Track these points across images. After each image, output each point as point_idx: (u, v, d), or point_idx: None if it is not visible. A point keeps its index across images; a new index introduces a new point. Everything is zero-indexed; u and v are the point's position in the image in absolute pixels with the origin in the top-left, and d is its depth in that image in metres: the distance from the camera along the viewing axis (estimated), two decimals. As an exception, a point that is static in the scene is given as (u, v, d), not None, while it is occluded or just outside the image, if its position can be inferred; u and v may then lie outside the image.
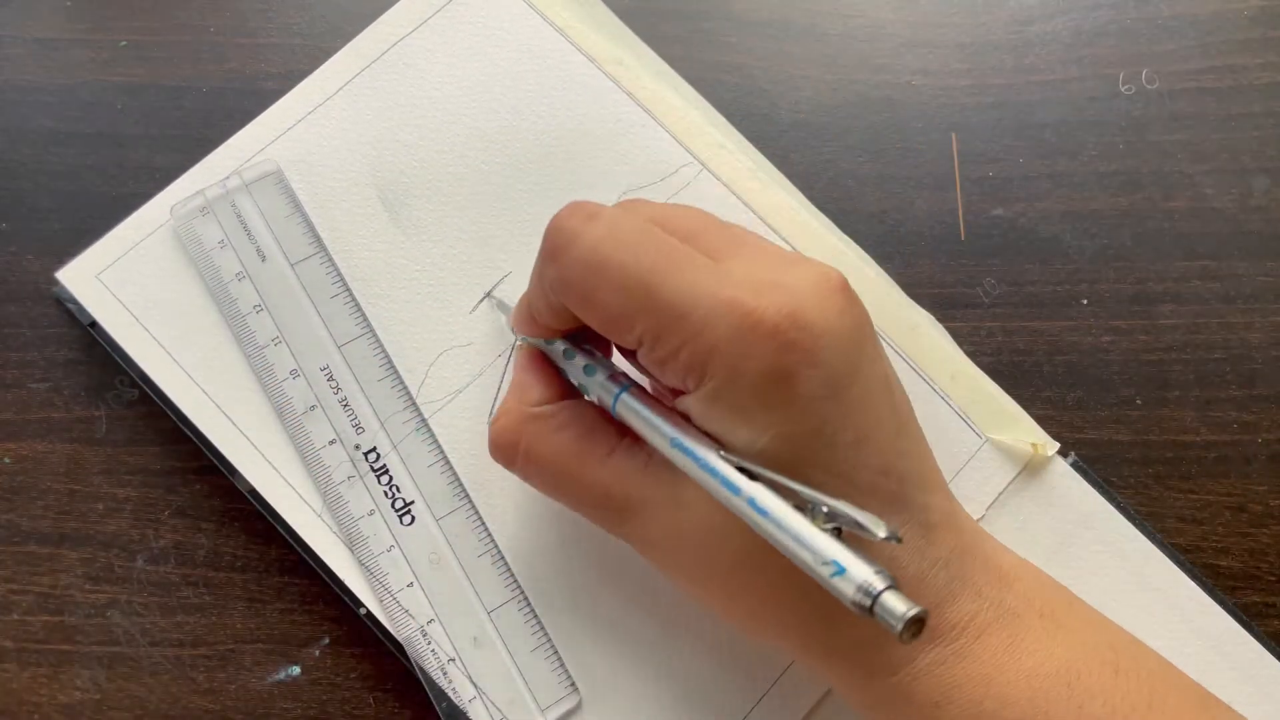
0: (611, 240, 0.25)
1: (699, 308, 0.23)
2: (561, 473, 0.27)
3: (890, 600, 0.20)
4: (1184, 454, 0.34)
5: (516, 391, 0.28)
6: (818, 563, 0.21)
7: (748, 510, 0.23)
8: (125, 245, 0.34)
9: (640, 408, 0.26)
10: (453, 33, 0.37)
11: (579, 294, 0.25)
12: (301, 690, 0.32)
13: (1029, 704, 0.24)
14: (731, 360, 0.23)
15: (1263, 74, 0.38)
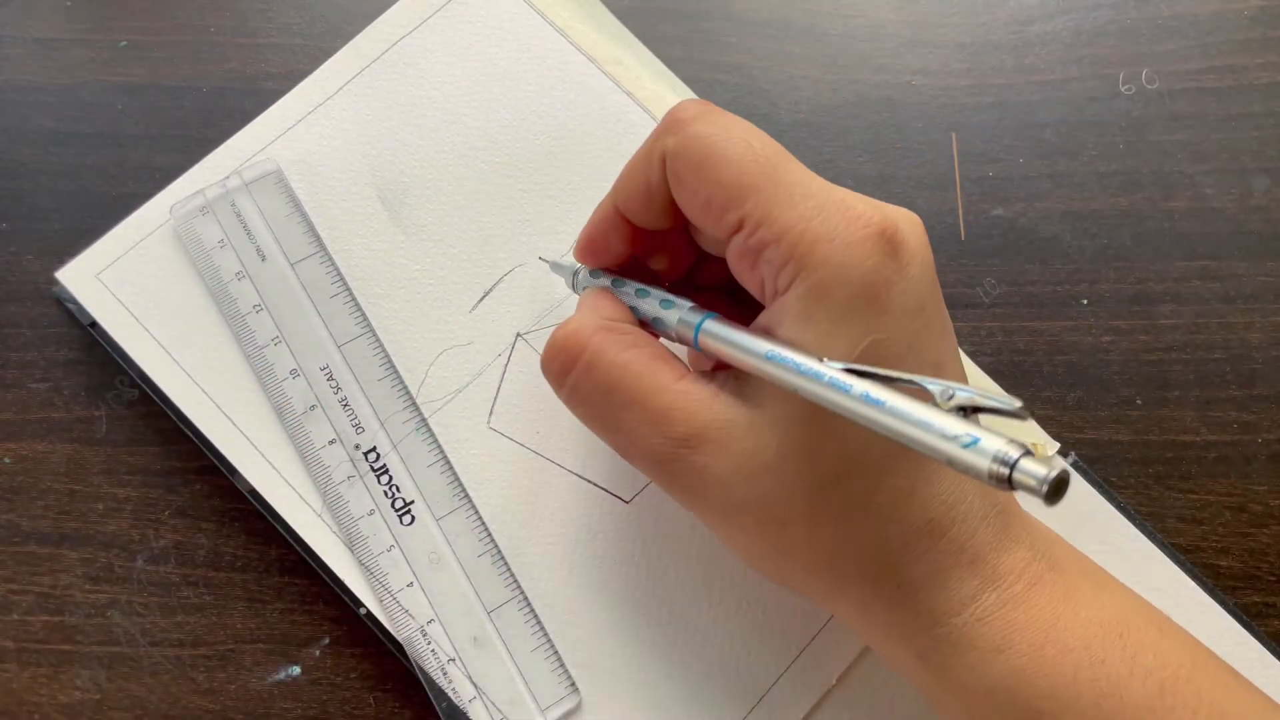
0: (738, 125, 0.25)
1: (811, 198, 0.24)
2: (625, 388, 0.25)
3: (1029, 464, 0.19)
4: (1184, 454, 0.34)
5: (589, 307, 0.27)
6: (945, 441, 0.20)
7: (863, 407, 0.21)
8: (125, 245, 0.34)
9: (727, 330, 0.25)
10: (452, 32, 0.37)
11: (695, 162, 0.25)
12: (301, 690, 0.32)
13: (1085, 651, 0.24)
14: (837, 254, 0.23)
15: (1263, 74, 0.38)
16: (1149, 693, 0.23)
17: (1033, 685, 0.24)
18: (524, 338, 0.34)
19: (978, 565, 0.24)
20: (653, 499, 0.32)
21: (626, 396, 0.25)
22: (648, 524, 0.32)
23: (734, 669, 0.31)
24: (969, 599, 0.24)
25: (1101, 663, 0.24)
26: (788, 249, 0.24)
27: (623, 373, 0.25)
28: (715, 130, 0.25)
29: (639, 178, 0.27)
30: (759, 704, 0.31)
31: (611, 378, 0.26)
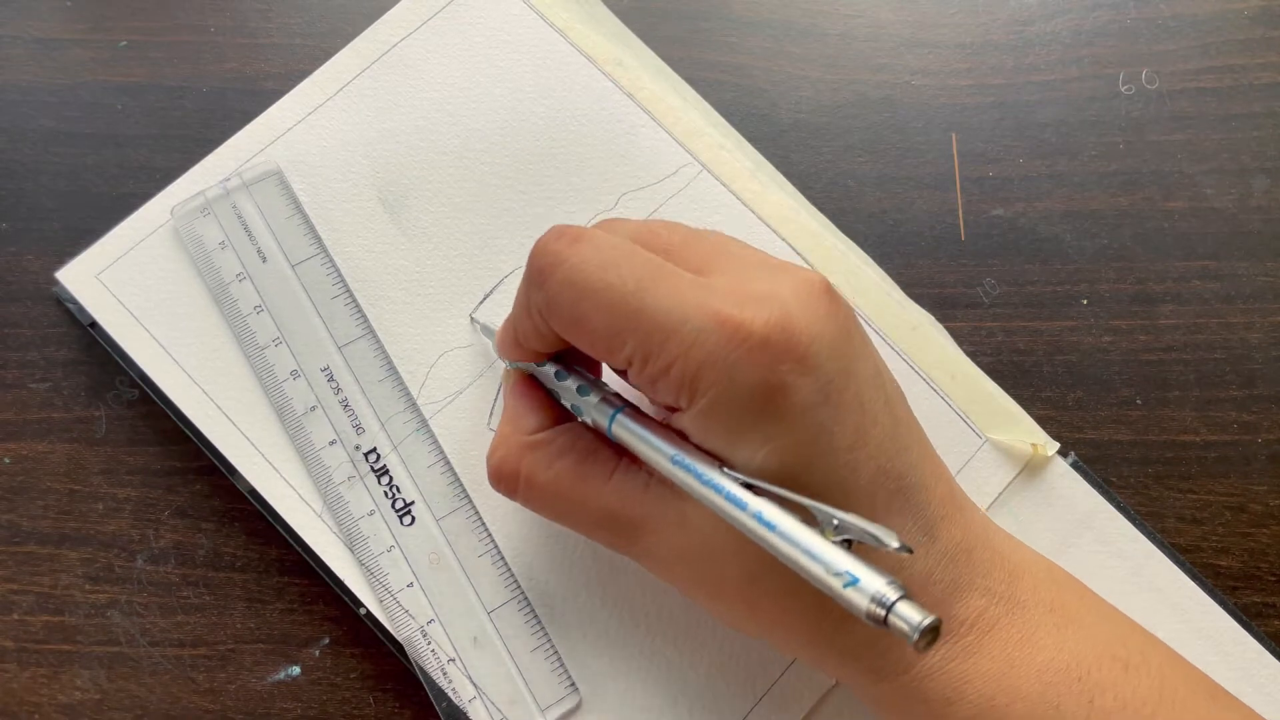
0: (596, 261, 0.25)
1: (687, 324, 0.23)
2: (564, 499, 0.27)
3: (905, 610, 0.20)
4: (1184, 454, 0.34)
5: (511, 420, 0.28)
6: (829, 575, 0.21)
7: (754, 526, 0.23)
8: (125, 245, 0.34)
9: (637, 428, 0.26)
10: (453, 34, 0.37)
11: (567, 317, 0.25)
12: (301, 690, 0.32)
13: (1040, 699, 0.24)
14: (723, 374, 0.23)
15: (1263, 74, 0.38)
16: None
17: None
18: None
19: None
20: (653, 499, 0.32)
21: (567, 503, 0.27)
22: (648, 524, 0.32)
23: (734, 668, 0.31)
24: (915, 658, 0.25)
25: (1056, 709, 0.24)
26: (676, 378, 0.24)
27: (556, 487, 0.27)
28: (575, 275, 0.25)
29: (526, 324, 0.27)
30: (759, 704, 0.31)
31: (549, 492, 0.27)
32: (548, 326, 0.26)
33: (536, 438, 0.28)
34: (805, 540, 0.22)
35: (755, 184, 0.35)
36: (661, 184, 0.35)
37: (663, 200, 0.35)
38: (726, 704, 0.31)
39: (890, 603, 0.20)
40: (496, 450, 0.28)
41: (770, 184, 0.35)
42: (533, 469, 0.27)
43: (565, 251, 0.25)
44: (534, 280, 0.26)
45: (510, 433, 0.28)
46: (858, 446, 0.24)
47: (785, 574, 0.23)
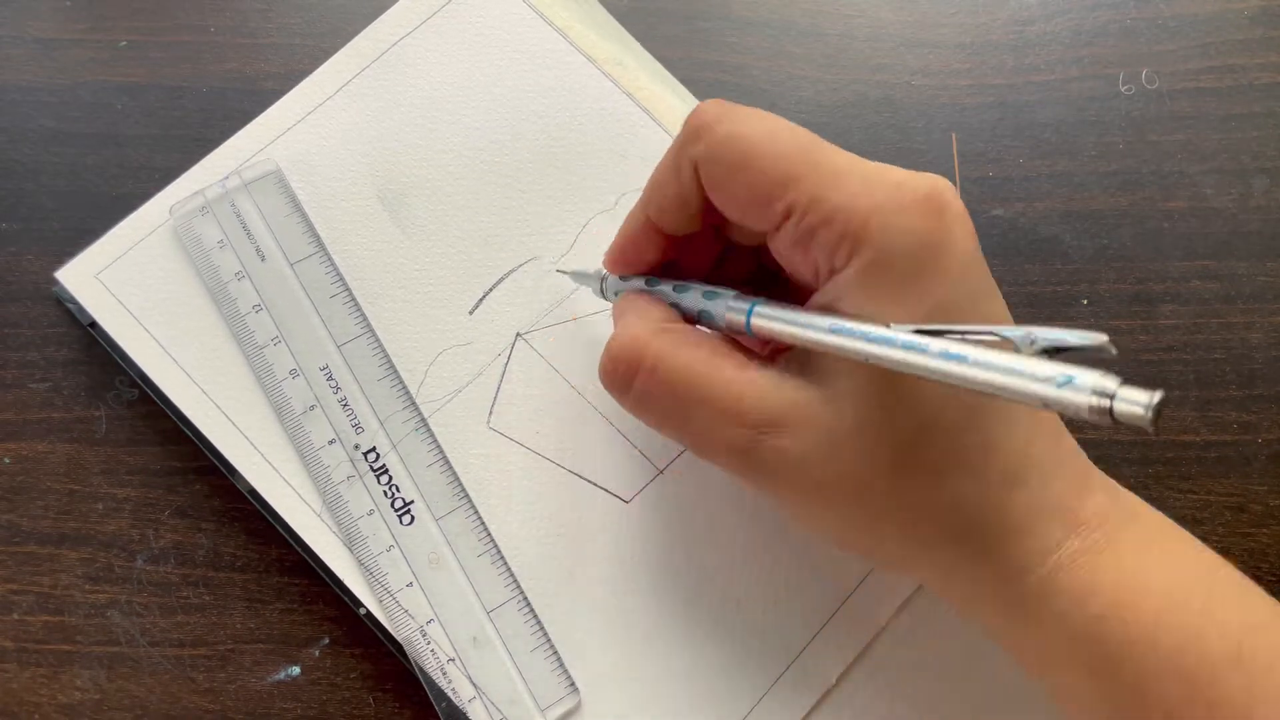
0: (763, 119, 0.25)
1: (856, 172, 0.24)
2: (694, 386, 0.25)
3: (1130, 392, 0.19)
4: (1184, 454, 0.34)
5: (637, 315, 0.27)
6: (1040, 383, 0.20)
7: (944, 364, 0.21)
8: (125, 245, 0.34)
9: (782, 311, 0.25)
10: (452, 33, 0.37)
11: (732, 164, 0.25)
12: (301, 690, 0.32)
13: (1166, 598, 0.24)
14: (891, 223, 0.23)
15: (1263, 74, 0.38)
16: (1227, 645, 0.23)
17: (1114, 632, 0.24)
18: (524, 338, 0.34)
19: (1059, 513, 0.25)
20: (653, 499, 0.32)
21: (696, 394, 0.25)
22: (648, 524, 0.32)
23: (734, 668, 0.31)
24: (1053, 547, 0.25)
25: (1183, 609, 0.24)
26: (841, 227, 0.24)
27: (688, 371, 0.26)
28: (743, 128, 0.25)
29: (669, 188, 0.27)
30: (759, 704, 0.31)
31: (678, 378, 0.26)
32: (695, 189, 0.26)
33: (670, 325, 0.27)
34: (1004, 360, 0.20)
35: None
36: (661, 184, 0.35)
37: (662, 200, 0.35)
38: (726, 704, 0.31)
39: (1113, 391, 0.19)
40: (620, 335, 0.27)
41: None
42: (662, 352, 0.26)
43: (731, 109, 0.26)
44: (694, 133, 0.26)
45: (637, 322, 0.27)
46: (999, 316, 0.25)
47: (936, 449, 0.24)
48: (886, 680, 0.31)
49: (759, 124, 0.25)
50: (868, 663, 0.31)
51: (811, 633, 0.31)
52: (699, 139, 0.26)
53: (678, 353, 0.26)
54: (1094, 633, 0.24)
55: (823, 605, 0.31)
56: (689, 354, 0.26)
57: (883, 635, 0.31)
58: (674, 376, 0.26)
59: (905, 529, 0.25)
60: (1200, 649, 0.23)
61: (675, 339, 0.26)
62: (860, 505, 0.25)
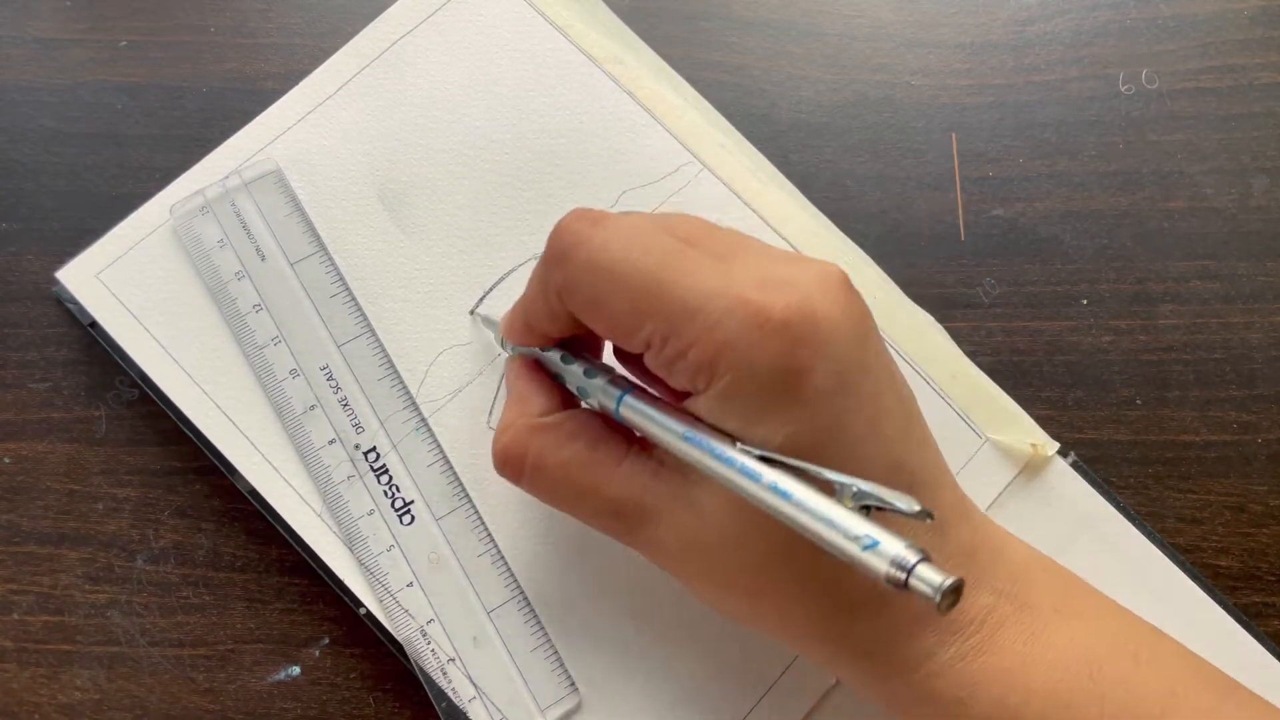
0: (619, 242, 0.25)
1: (709, 306, 0.23)
2: (572, 485, 0.27)
3: (925, 571, 0.20)
4: (1184, 454, 0.34)
5: (517, 404, 0.28)
6: (847, 540, 0.20)
7: (769, 497, 0.22)
8: (125, 245, 0.34)
9: (646, 408, 0.26)
10: (452, 32, 0.37)
11: (586, 296, 0.25)
12: (301, 690, 0.32)
13: (1052, 695, 0.24)
14: (743, 357, 0.23)
15: (1263, 74, 0.38)
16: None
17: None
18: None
19: (932, 621, 0.24)
20: (653, 499, 0.32)
21: (575, 488, 0.27)
22: (647, 524, 0.32)
23: (734, 669, 0.31)
24: (925, 655, 0.24)
25: (1068, 706, 0.24)
26: (696, 360, 0.24)
27: (565, 471, 0.27)
28: (599, 255, 0.25)
29: (540, 306, 0.27)
30: (759, 704, 0.31)
31: (558, 477, 0.27)
32: (563, 308, 0.26)
33: (545, 420, 0.27)
34: (823, 508, 0.21)
35: (755, 183, 0.35)
36: (661, 182, 0.35)
37: (663, 198, 0.35)
38: (726, 704, 0.31)
39: (911, 565, 0.20)
40: (504, 433, 0.27)
41: (770, 183, 0.35)
42: (541, 452, 0.27)
43: (587, 231, 0.25)
44: (554, 260, 0.26)
45: (517, 416, 0.28)
46: (871, 438, 0.24)
47: (795, 564, 0.23)
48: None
49: (615, 250, 0.25)
50: (868, 663, 0.31)
51: (811, 633, 0.31)
52: (558, 265, 0.25)
53: (557, 451, 0.27)
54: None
55: (823, 605, 0.31)
56: (567, 452, 0.27)
57: (883, 635, 0.31)
58: (554, 475, 0.27)
59: (778, 629, 0.26)
60: None
61: (554, 436, 0.27)
62: (729, 601, 0.26)
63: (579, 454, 0.27)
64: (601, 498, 0.26)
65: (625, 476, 0.26)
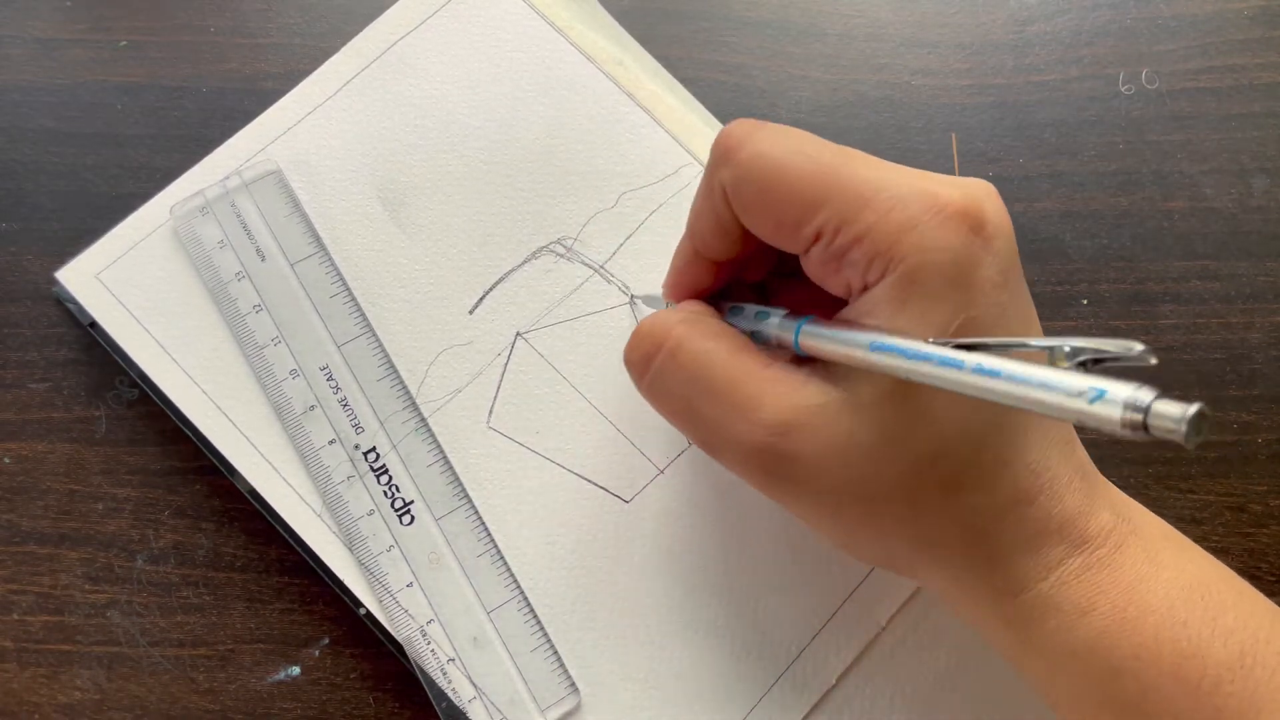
0: (787, 139, 0.25)
1: (888, 189, 0.24)
2: (710, 376, 0.25)
3: (1165, 406, 0.18)
4: (1184, 454, 0.34)
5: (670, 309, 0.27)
6: (1073, 398, 0.19)
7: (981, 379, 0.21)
8: (125, 245, 0.34)
9: (827, 329, 0.25)
10: (452, 33, 0.37)
11: (756, 189, 0.25)
12: (301, 690, 0.32)
13: (1168, 612, 0.24)
14: (923, 240, 0.23)
15: (1263, 74, 0.38)
16: (1230, 653, 0.23)
17: (1116, 646, 0.24)
18: (524, 337, 0.34)
19: (1065, 530, 0.25)
20: (653, 499, 0.32)
21: (712, 384, 0.25)
22: (648, 524, 0.32)
23: (734, 669, 0.31)
24: (1056, 563, 0.25)
25: (1183, 624, 0.24)
26: (872, 247, 0.24)
27: (708, 359, 0.25)
28: (768, 149, 0.25)
29: (707, 215, 0.27)
30: (759, 704, 0.31)
31: (697, 365, 0.25)
32: (730, 214, 0.26)
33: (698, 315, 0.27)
34: (1038, 374, 0.20)
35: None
36: (662, 183, 0.35)
37: (663, 199, 0.35)
38: (726, 704, 0.31)
39: (1146, 405, 0.18)
40: (649, 319, 0.26)
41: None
42: (685, 337, 0.26)
43: (754, 130, 0.25)
44: (722, 158, 0.26)
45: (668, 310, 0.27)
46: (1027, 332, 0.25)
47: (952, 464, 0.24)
48: (886, 681, 0.31)
49: (785, 143, 0.25)
50: (868, 663, 0.31)
51: (812, 633, 0.31)
52: (725, 163, 0.26)
53: (702, 340, 0.25)
54: (1095, 647, 0.24)
55: (823, 605, 0.31)
56: (713, 343, 0.25)
57: (883, 636, 0.31)
58: (693, 362, 0.25)
59: (913, 541, 0.25)
60: (1203, 658, 0.23)
61: (701, 328, 0.26)
62: (870, 515, 0.25)
63: (724, 346, 0.25)
64: (742, 393, 0.25)
65: (772, 376, 0.25)
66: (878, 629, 0.31)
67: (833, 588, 0.32)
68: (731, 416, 0.25)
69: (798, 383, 0.25)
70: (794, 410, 0.24)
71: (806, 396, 0.24)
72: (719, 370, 0.25)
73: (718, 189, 0.26)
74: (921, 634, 0.31)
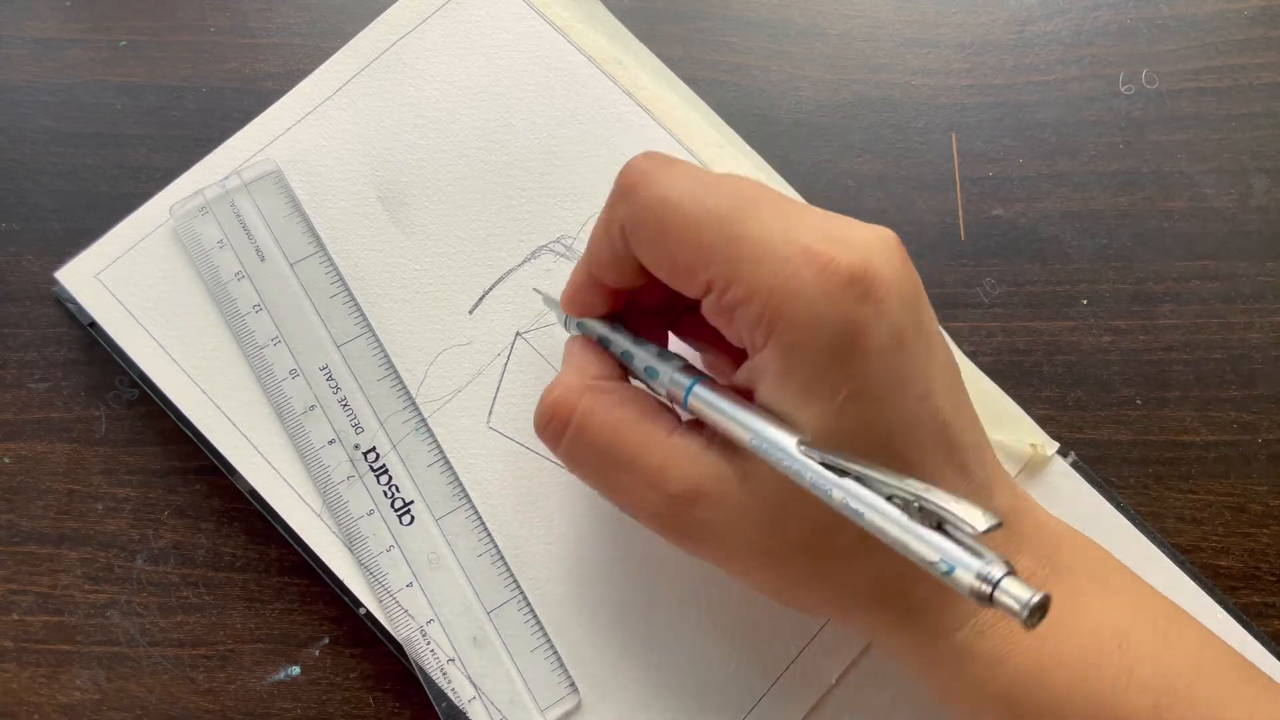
0: (688, 182, 0.25)
1: (776, 252, 0.23)
2: (619, 449, 0.25)
3: (1012, 586, 0.20)
4: (1184, 454, 0.34)
5: (574, 367, 0.27)
6: (929, 557, 0.21)
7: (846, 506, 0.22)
8: (124, 245, 0.34)
9: (717, 399, 0.25)
10: (452, 32, 0.37)
11: (652, 231, 0.25)
12: (301, 690, 0.32)
13: (1082, 663, 0.24)
14: (807, 308, 0.23)
15: (1263, 74, 0.38)
16: (1144, 705, 0.23)
17: (1031, 697, 0.24)
18: (524, 337, 0.34)
19: None
20: (652, 499, 0.32)
21: (620, 456, 0.26)
22: (647, 524, 0.32)
23: (734, 669, 0.31)
24: (970, 614, 0.25)
25: (1097, 676, 0.24)
26: (758, 310, 0.23)
27: (613, 432, 0.26)
28: (667, 192, 0.25)
29: (604, 248, 0.27)
30: (759, 704, 0.31)
31: (604, 438, 0.26)
32: (627, 250, 0.26)
33: (601, 383, 0.27)
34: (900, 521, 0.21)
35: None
36: (661, 184, 0.35)
37: (662, 200, 0.35)
38: (726, 704, 0.31)
39: (996, 580, 0.20)
40: (554, 389, 0.27)
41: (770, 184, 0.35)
42: (590, 410, 0.26)
43: (657, 169, 0.25)
44: (621, 194, 0.25)
45: (572, 376, 0.27)
46: (925, 398, 0.24)
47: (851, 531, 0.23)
48: (886, 681, 0.31)
49: (686, 187, 0.25)
50: (867, 663, 0.31)
51: (811, 633, 0.31)
52: (624, 199, 0.25)
53: (607, 412, 0.26)
54: (1011, 696, 0.24)
55: (823, 605, 0.31)
56: (617, 414, 0.26)
57: (883, 635, 0.31)
58: (599, 436, 0.26)
59: (827, 601, 0.26)
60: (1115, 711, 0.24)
61: (606, 399, 0.26)
62: (781, 574, 0.26)
63: (629, 418, 0.26)
64: (647, 466, 0.25)
65: (674, 447, 0.25)
66: (878, 629, 0.31)
67: (833, 588, 0.32)
68: (640, 487, 0.25)
69: (699, 451, 0.25)
70: (695, 480, 0.25)
71: (706, 467, 0.25)
72: (624, 440, 0.25)
73: (615, 225, 0.26)
74: (921, 634, 0.31)
